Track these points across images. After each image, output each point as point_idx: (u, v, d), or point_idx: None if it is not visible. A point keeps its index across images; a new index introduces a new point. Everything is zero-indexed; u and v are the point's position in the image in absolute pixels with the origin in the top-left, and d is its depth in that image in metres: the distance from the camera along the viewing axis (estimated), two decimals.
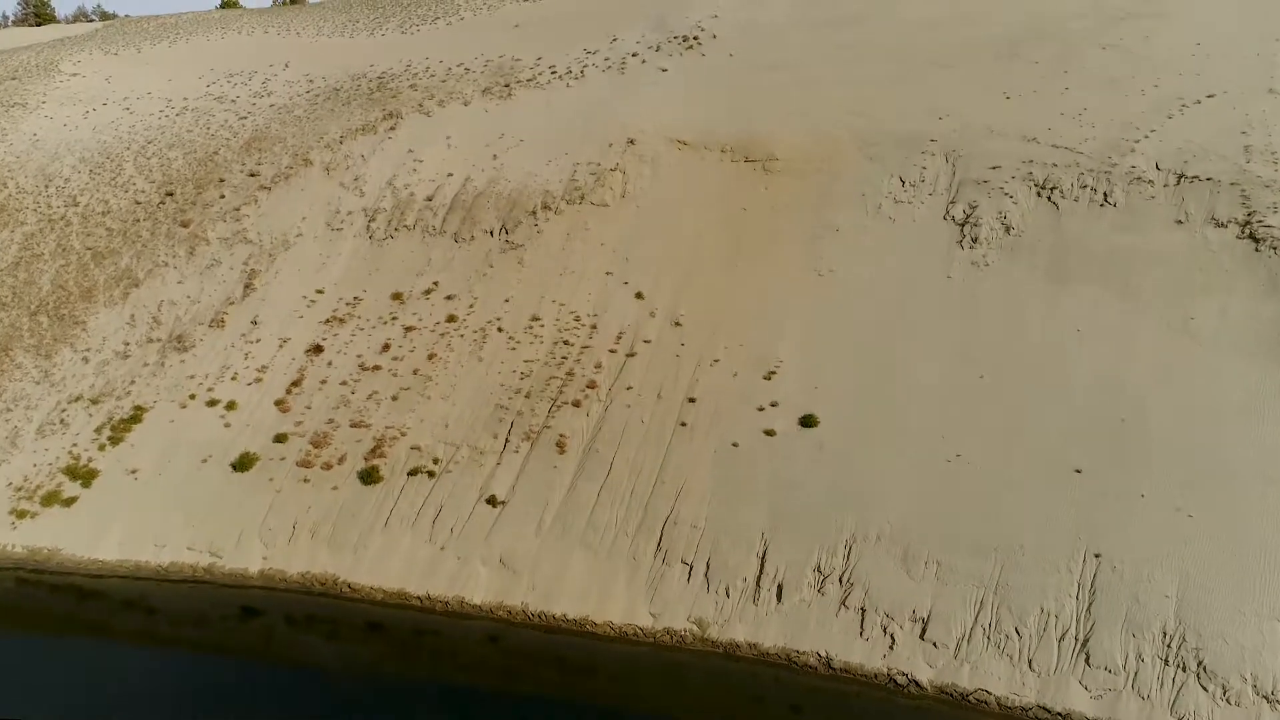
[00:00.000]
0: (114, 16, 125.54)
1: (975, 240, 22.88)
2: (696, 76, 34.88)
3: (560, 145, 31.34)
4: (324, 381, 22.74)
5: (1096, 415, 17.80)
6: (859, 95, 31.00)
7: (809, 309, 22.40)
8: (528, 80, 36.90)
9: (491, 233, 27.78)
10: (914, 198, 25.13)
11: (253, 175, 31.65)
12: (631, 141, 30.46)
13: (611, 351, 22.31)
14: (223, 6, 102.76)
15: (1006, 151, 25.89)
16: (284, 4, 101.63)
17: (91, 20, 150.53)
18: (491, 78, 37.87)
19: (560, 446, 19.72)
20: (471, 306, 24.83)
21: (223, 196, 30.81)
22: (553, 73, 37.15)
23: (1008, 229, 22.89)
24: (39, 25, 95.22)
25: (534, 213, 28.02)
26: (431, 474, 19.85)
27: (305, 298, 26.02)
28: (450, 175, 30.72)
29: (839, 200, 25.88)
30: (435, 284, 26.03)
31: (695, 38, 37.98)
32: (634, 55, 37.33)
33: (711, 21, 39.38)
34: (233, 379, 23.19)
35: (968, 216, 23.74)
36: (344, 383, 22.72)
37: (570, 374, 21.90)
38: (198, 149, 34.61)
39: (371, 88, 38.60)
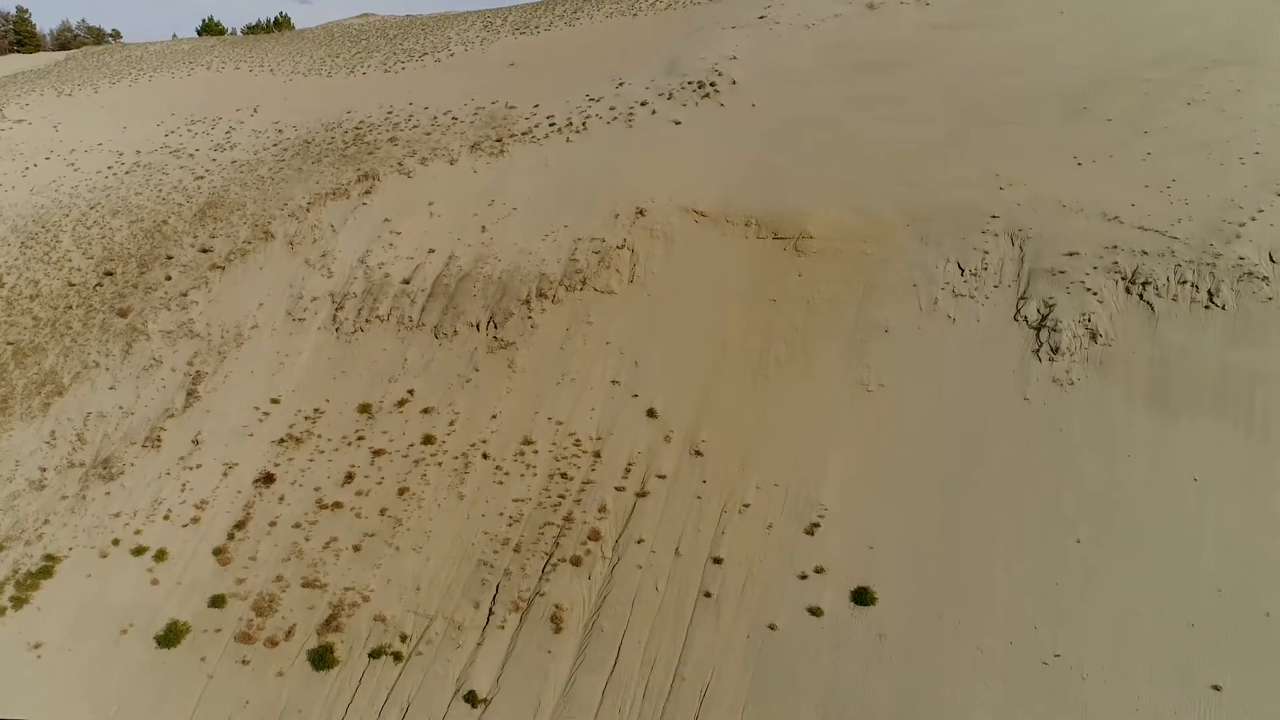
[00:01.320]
0: (101, 31, 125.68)
1: (1055, 350, 20.34)
2: (715, 131, 32.79)
3: (559, 215, 29.17)
4: (274, 523, 20.25)
5: (1232, 604, 15.09)
6: (904, 158, 28.78)
7: (856, 436, 19.84)
8: (522, 133, 34.89)
9: (478, 326, 25.46)
10: (976, 290, 22.68)
11: (205, 251, 29.53)
12: (641, 212, 28.25)
13: (619, 489, 19.77)
14: (204, 30, 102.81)
15: (1084, 233, 23.46)
16: (268, 28, 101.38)
17: (77, 36, 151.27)
18: (482, 129, 35.90)
19: (556, 622, 17.11)
20: (452, 424, 22.38)
21: (169, 278, 28.66)
22: (551, 124, 35.16)
23: (1094, 336, 20.37)
24: (20, 49, 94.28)
25: (527, 301, 25.71)
26: (398, 656, 17.24)
27: (258, 409, 23.64)
28: (432, 252, 28.51)
29: (886, 291, 23.45)
30: (410, 393, 23.63)
31: (712, 84, 36.01)
32: (643, 104, 35.35)
33: (730, 64, 37.43)
34: (165, 518, 20.72)
35: (1043, 317, 21.24)
36: (298, 525, 20.22)
37: (569, 519, 19.34)
38: (145, 217, 32.60)
39: (346, 140, 36.67)
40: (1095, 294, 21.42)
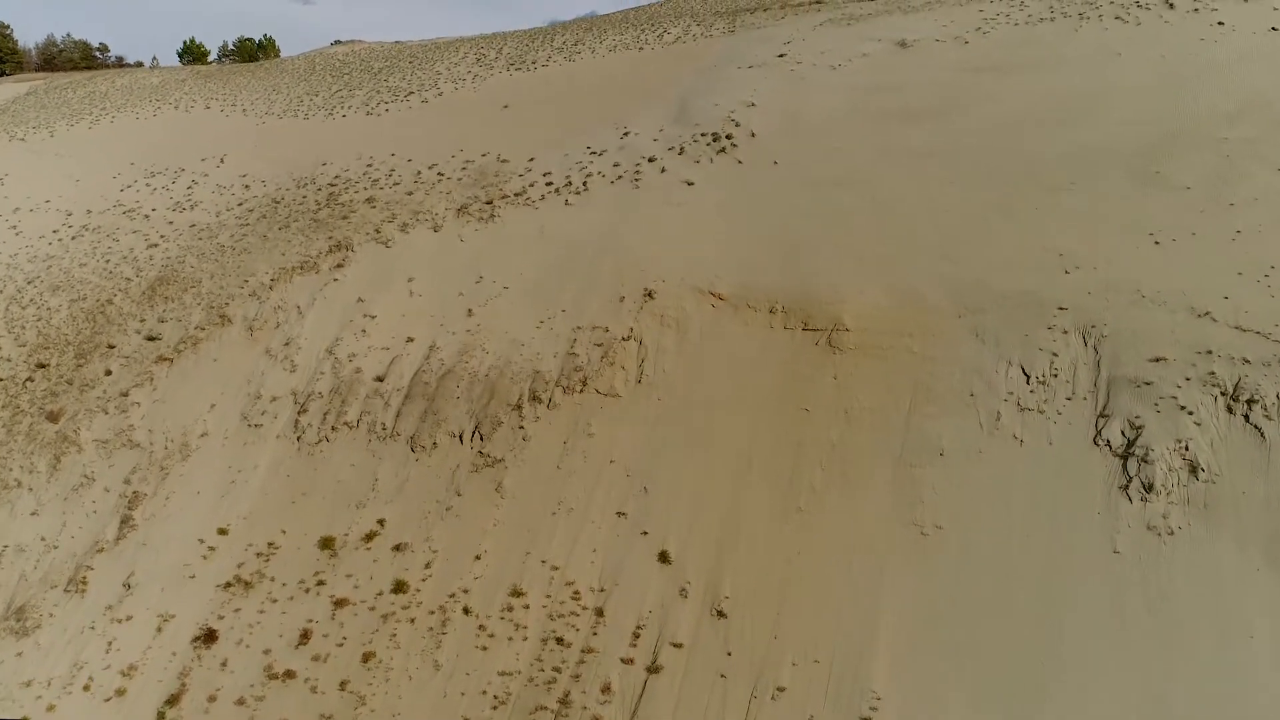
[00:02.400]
0: (88, 45, 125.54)
1: (1148, 487, 17.92)
2: (732, 194, 30.72)
3: (556, 296, 27.04)
4: (213, 698, 17.85)
5: None
6: (949, 228, 26.61)
7: (910, 595, 17.40)
8: (515, 194, 32.89)
9: (460, 437, 23.19)
10: (1046, 403, 20.32)
11: (152, 339, 27.42)
12: (650, 294, 26.11)
13: (626, 661, 17.33)
14: (185, 51, 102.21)
15: (1170, 332, 21.14)
16: (251, 52, 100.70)
17: (63, 50, 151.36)
18: (470, 188, 33.92)
19: None
20: (428, 566, 20.01)
21: (109, 373, 26.51)
22: (548, 184, 33.17)
23: (1194, 470, 17.95)
24: None
25: (519, 406, 23.44)
26: None
27: (203, 542, 21.32)
28: (410, 341, 26.36)
29: (938, 402, 21.10)
30: (381, 523, 21.29)
31: (728, 136, 34.02)
32: (650, 160, 33.35)
33: (747, 112, 35.46)
34: (85, 688, 18.33)
35: (1130, 443, 18.85)
36: (241, 701, 17.80)
37: (565, 701, 16.89)
38: (89, 294, 30.57)
39: (319, 200, 34.71)
40: (1191, 414, 19.04)
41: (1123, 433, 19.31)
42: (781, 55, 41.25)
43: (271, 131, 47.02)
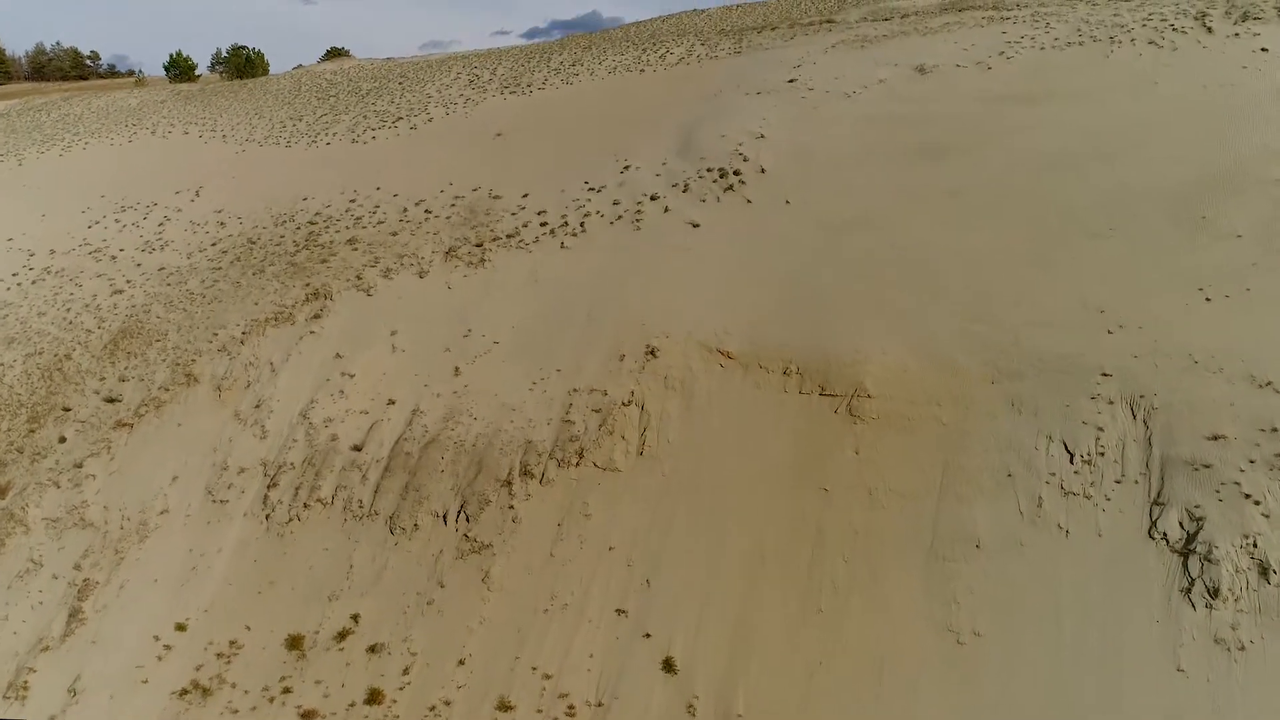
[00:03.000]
0: (78, 52, 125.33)
1: (1214, 592, 16.44)
2: (741, 237, 29.40)
3: (550, 353, 25.69)
4: None
5: None
6: (980, 280, 25.25)
7: (948, 718, 15.82)
8: (508, 235, 31.61)
9: (445, 518, 21.77)
10: (1093, 486, 18.87)
11: (111, 401, 26.07)
12: (652, 353, 24.74)
13: None
14: (171, 65, 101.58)
15: (1229, 405, 19.68)
16: (240, 66, 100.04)
17: (52, 59, 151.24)
18: (459, 228, 32.65)
19: None
20: (406, 673, 18.53)
21: (63, 439, 25.14)
22: (542, 224, 31.89)
23: (1265, 572, 16.48)
24: None
25: (509, 483, 22.02)
26: None
27: (158, 639, 19.87)
28: (391, 403, 24.98)
29: (972, 483, 19.65)
30: (355, 619, 19.82)
31: (736, 172, 32.73)
32: (652, 198, 32.08)
33: (757, 145, 34.19)
34: None
35: (1190, 537, 17.37)
36: None
37: None
38: (46, 348, 29.25)
39: (298, 241, 33.43)
40: (1258, 504, 17.56)
41: (1181, 524, 17.83)
42: (792, 81, 40.07)
43: (251, 160, 45.88)
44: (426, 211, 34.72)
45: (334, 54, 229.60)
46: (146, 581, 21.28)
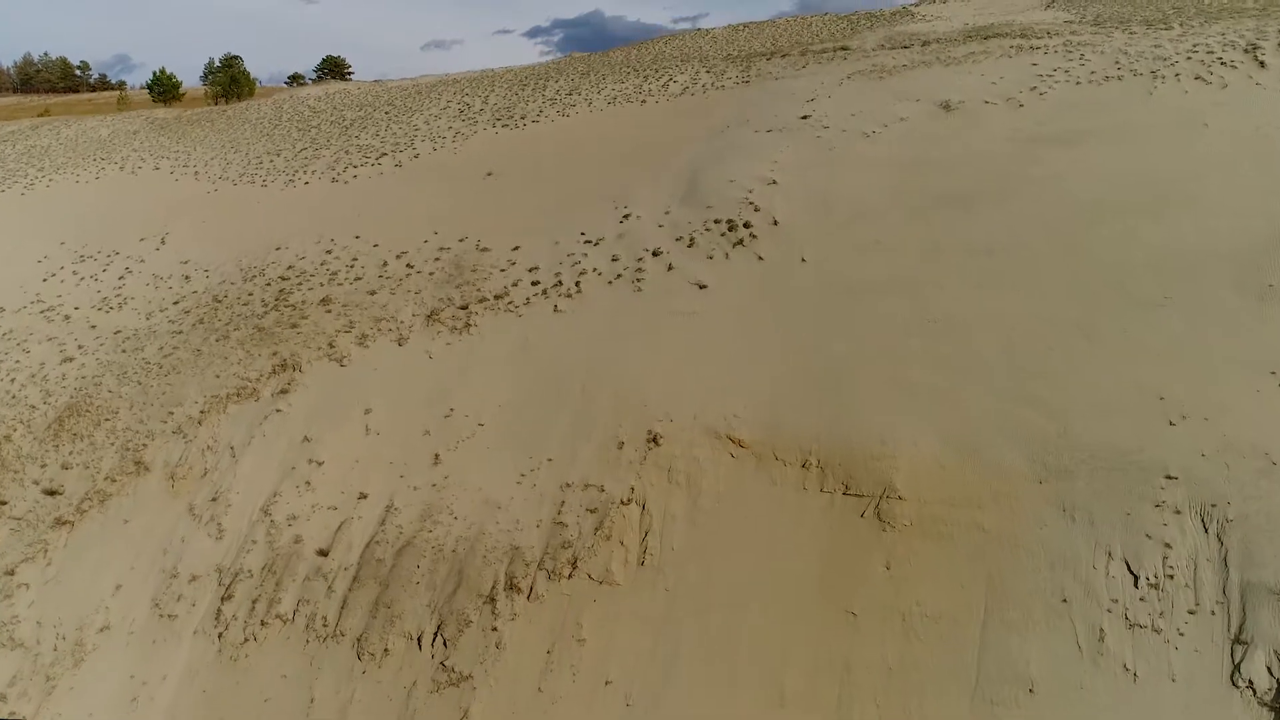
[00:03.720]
0: (67, 62, 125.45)
1: None
2: (753, 301, 27.68)
3: (541, 438, 23.94)
4: None
5: None
6: (1021, 355, 23.47)
7: None
8: (496, 296, 29.92)
9: (419, 641, 19.92)
10: (1162, 618, 16.97)
11: (52, 494, 24.28)
12: (655, 440, 22.99)
13: None
14: (154, 83, 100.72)
15: None
16: (227, 86, 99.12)
17: (40, 70, 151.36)
18: (443, 287, 30.97)
19: None
20: None
21: None
22: (534, 282, 30.21)
23: None
24: None
25: (492, 599, 20.18)
26: None
27: None
28: (363, 498, 23.21)
29: (1020, 607, 17.76)
30: None
31: (747, 224, 31.07)
32: (655, 253, 30.40)
33: (768, 192, 32.52)
34: None
35: None
36: None
37: None
38: None
39: (267, 300, 31.76)
40: None
41: (1270, 670, 15.88)
42: (805, 117, 38.51)
43: (224, 202, 44.41)
44: (408, 266, 33.06)
45: (330, 63, 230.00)
46: (80, 716, 19.38)
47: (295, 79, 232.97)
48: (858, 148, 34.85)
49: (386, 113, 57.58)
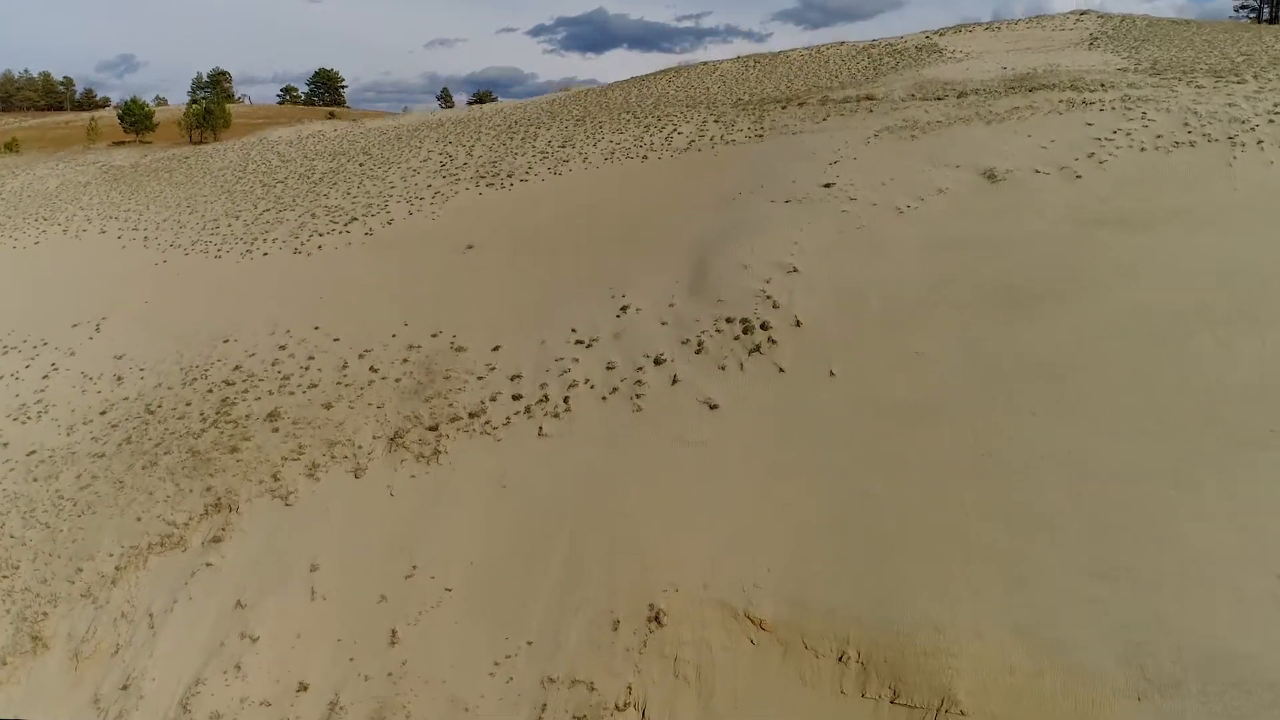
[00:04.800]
0: (50, 78, 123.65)
1: None
2: (773, 428, 24.71)
3: (520, 611, 20.97)
4: None
5: None
6: (1098, 509, 20.53)
7: None
8: (470, 414, 26.99)
9: None
10: None
11: None
12: (657, 618, 20.13)
13: None
14: (126, 112, 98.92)
15: None
16: (201, 113, 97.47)
17: (21, 88, 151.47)
18: (410, 399, 28.04)
19: None
20: None
21: None
22: (515, 396, 27.32)
23: None
24: None
25: None
26: None
27: None
28: (303, 690, 20.19)
29: None
30: None
31: (764, 324, 28.15)
32: (657, 361, 27.49)
33: (789, 283, 29.64)
34: None
35: None
36: None
37: None
38: None
39: (206, 413, 28.83)
40: None
41: None
42: (829, 185, 35.74)
43: (172, 276, 41.71)
44: (372, 370, 30.15)
45: (323, 76, 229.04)
46: None
47: (288, 91, 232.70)
48: (891, 226, 32.01)
49: (361, 164, 55.09)
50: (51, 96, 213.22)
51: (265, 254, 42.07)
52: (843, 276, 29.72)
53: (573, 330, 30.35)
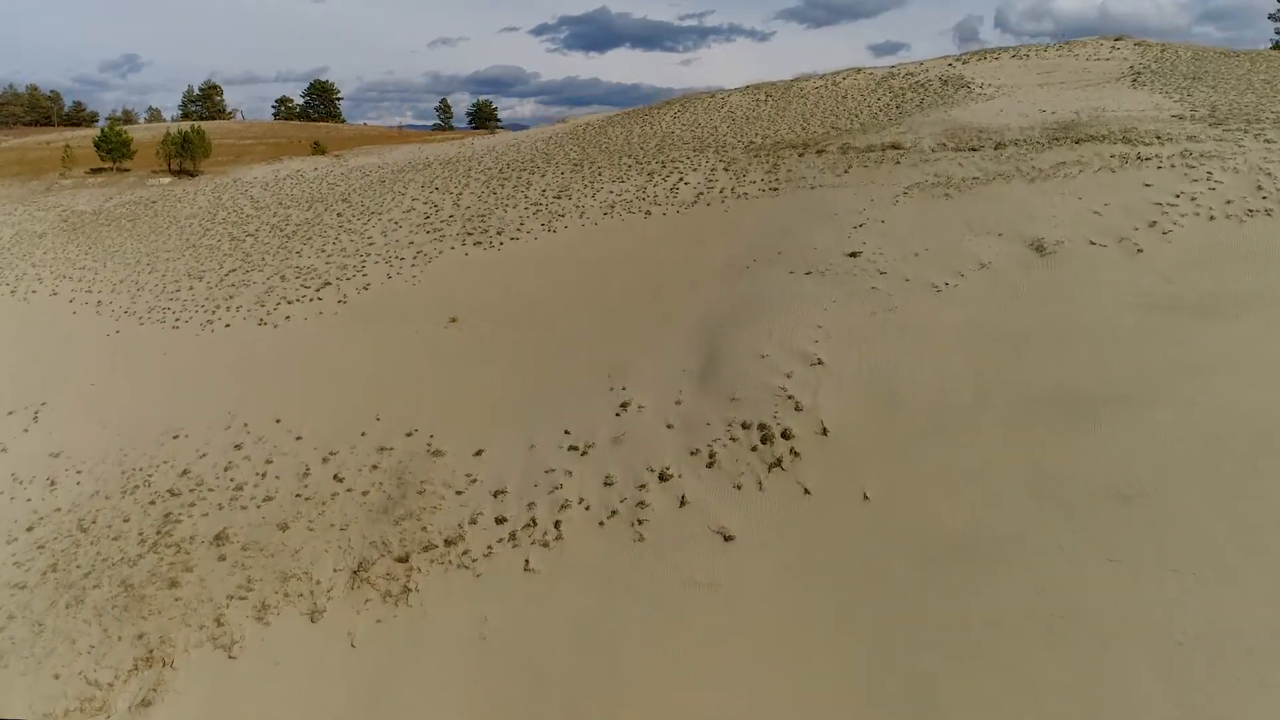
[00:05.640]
0: (37, 90, 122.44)
1: None
2: (798, 568, 21.95)
3: None
4: None
5: None
6: (1199, 702, 17.32)
7: None
8: (447, 542, 24.35)
9: None
10: None
11: None
12: None
13: None
14: (101, 141, 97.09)
15: None
16: (178, 140, 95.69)
17: (4, 104, 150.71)
18: (378, 521, 25.37)
19: None
20: None
21: None
22: (499, 519, 24.71)
23: None
24: None
25: None
26: None
27: None
28: None
29: None
30: None
31: (785, 433, 25.40)
32: (663, 477, 24.79)
33: (813, 378, 26.94)
34: None
35: None
36: None
37: None
38: None
39: (145, 533, 26.15)
40: None
41: None
42: (854, 254, 33.08)
43: (124, 350, 39.12)
44: (336, 479, 27.43)
45: (318, 87, 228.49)
46: None
47: (283, 102, 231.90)
48: (928, 308, 29.30)
49: (339, 215, 52.61)
50: (38, 111, 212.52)
51: (227, 325, 39.44)
52: (875, 372, 26.97)
53: (566, 432, 27.63)
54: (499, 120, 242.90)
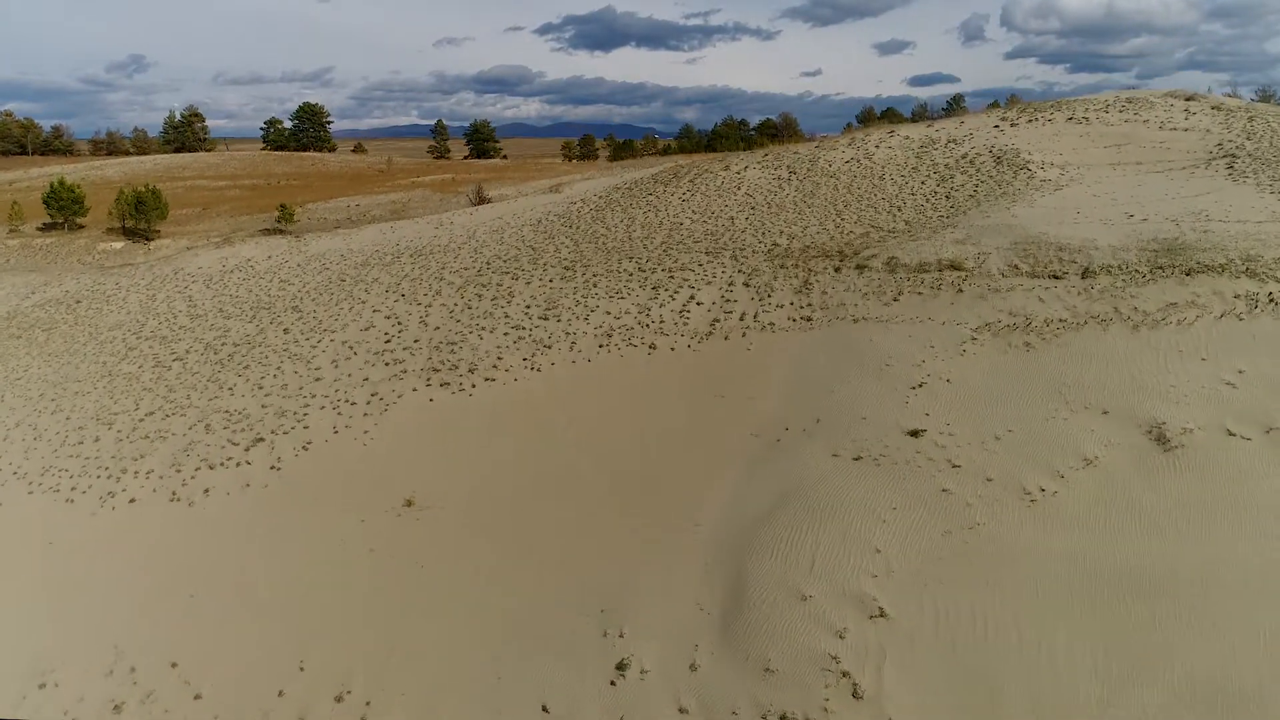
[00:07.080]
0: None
1: None
2: None
3: None
4: None
5: None
6: None
7: None
8: None
9: None
10: None
11: None
12: None
13: None
14: (51, 195, 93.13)
15: None
16: (147, 195, 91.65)
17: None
18: None
19: None
20: None
21: None
22: None
23: None
24: None
25: None
26: None
27: None
28: None
29: None
30: None
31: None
32: None
33: (870, 637, 22.12)
34: None
35: None
36: None
37: None
38: None
39: None
40: None
41: None
42: (916, 434, 27.73)
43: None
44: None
45: (307, 110, 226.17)
46: None
47: (273, 124, 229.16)
48: (1020, 529, 23.96)
49: (286, 330, 47.45)
50: (8, 141, 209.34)
51: (131, 500, 34.08)
52: (958, 636, 21.45)
53: (544, 709, 22.01)
54: (497, 142, 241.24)
